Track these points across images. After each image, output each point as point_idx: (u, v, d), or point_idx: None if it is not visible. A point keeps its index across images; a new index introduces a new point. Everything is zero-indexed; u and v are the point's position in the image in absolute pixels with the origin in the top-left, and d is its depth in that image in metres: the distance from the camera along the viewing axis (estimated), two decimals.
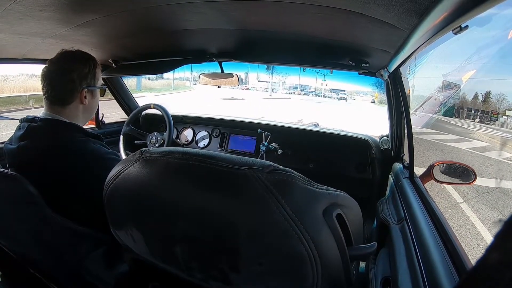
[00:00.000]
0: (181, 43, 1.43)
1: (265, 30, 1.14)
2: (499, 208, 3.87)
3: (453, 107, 12.46)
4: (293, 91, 26.93)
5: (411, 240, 0.87)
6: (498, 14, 5.74)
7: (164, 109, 2.12)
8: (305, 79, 26.51)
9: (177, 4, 0.92)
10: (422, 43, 0.85)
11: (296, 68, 8.25)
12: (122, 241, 0.70)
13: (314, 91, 27.05)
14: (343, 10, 0.82)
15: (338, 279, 0.57)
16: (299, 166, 1.87)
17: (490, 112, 11.82)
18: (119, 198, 0.64)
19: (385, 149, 1.81)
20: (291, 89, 27.27)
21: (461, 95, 12.49)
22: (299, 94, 26.27)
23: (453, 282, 0.61)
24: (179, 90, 21.78)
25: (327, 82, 25.53)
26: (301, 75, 25.51)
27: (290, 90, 27.17)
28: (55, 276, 0.95)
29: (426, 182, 1.35)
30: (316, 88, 26.95)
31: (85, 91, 1.02)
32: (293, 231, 0.49)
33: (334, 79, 24.60)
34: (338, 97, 25.32)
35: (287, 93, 26.43)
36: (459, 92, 12.36)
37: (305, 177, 0.53)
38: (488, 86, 12.34)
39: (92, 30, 1.14)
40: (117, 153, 1.03)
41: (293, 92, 26.83)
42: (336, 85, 25.10)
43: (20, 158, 0.95)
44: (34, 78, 10.16)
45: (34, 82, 10.13)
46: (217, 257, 0.57)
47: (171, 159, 0.57)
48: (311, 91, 27.05)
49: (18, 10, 0.89)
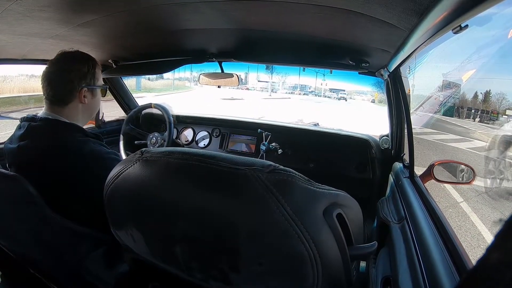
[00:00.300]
0: (181, 43, 1.43)
1: (265, 30, 1.14)
2: (499, 207, 3.86)
3: (453, 107, 12.35)
4: (293, 91, 26.83)
5: (411, 239, 0.87)
6: (498, 13, 5.73)
7: (165, 108, 2.12)
8: (304, 78, 26.41)
9: (177, 4, 0.92)
10: (422, 43, 0.85)
11: (295, 68, 8.17)
12: (122, 241, 0.70)
13: (314, 91, 26.95)
14: (343, 10, 0.82)
15: (338, 279, 0.57)
16: (299, 166, 1.87)
17: (490, 112, 11.77)
18: (119, 198, 0.64)
19: (385, 149, 1.81)
20: (290, 89, 27.17)
21: (461, 95, 12.37)
22: (298, 94, 26.16)
23: (453, 282, 0.61)
24: (179, 90, 21.73)
25: (327, 82, 25.45)
26: (300, 75, 25.39)
27: (290, 90, 27.05)
28: (55, 276, 0.95)
29: (426, 182, 1.35)
30: (316, 88, 26.88)
31: (84, 90, 1.02)
32: (293, 231, 0.49)
33: (334, 79, 24.42)
34: (338, 97, 25.19)
35: (287, 93, 26.30)
36: (459, 91, 12.28)
37: (305, 177, 0.53)
38: (488, 86, 12.28)
39: (92, 30, 1.14)
40: (117, 153, 1.03)
41: (293, 92, 26.73)
42: (336, 85, 24.94)
43: (20, 158, 0.95)
44: (34, 79, 10.19)
45: (33, 82, 10.15)
46: (217, 257, 0.57)
47: (171, 159, 0.57)
48: (310, 91, 26.94)
49: (17, 10, 0.89)
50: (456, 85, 12.33)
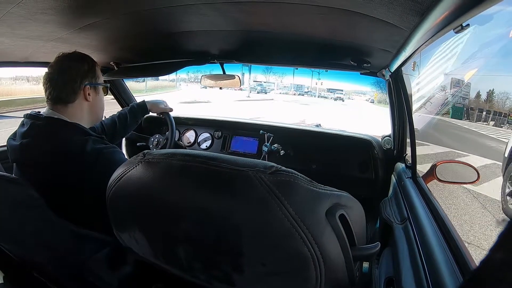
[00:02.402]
0: (183, 44, 1.43)
1: (267, 31, 1.14)
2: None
3: (462, 107, 11.49)
4: (287, 92, 26.28)
5: (414, 240, 0.87)
6: (500, 12, 5.67)
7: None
8: (299, 78, 26.09)
9: (178, 6, 0.92)
10: (424, 42, 0.85)
11: (289, 68, 7.71)
12: (125, 242, 0.70)
13: (310, 90, 26.49)
14: (344, 10, 0.82)
15: (341, 279, 0.57)
16: (301, 167, 1.87)
17: (508, 114, 10.74)
18: (121, 200, 0.65)
19: (387, 149, 1.81)
20: (285, 89, 26.55)
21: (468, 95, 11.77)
22: (283, 94, 25.43)
23: (457, 282, 0.60)
24: (167, 90, 21.47)
25: (323, 81, 24.95)
26: (295, 75, 24.99)
27: (284, 91, 26.39)
28: (58, 278, 0.95)
29: (428, 182, 1.34)
30: (312, 88, 26.34)
31: (88, 88, 1.03)
32: (296, 232, 0.49)
33: (329, 78, 23.89)
34: (334, 97, 24.55)
35: (280, 93, 25.61)
36: (464, 90, 11.70)
37: (308, 177, 0.53)
38: (493, 84, 11.64)
39: (94, 33, 1.15)
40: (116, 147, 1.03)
41: (287, 92, 26.15)
42: (333, 85, 24.50)
43: (22, 156, 0.96)
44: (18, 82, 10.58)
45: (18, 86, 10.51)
46: (220, 258, 0.57)
47: (174, 161, 0.57)
48: (306, 91, 26.43)
49: (19, 13, 0.89)
50: (460, 84, 11.68)
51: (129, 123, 1.65)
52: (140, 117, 1.71)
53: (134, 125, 1.70)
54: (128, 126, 1.66)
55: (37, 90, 10.09)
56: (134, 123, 1.68)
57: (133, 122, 1.67)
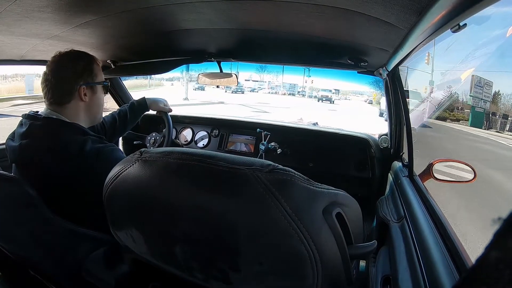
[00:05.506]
0: (180, 43, 1.42)
1: (264, 29, 1.14)
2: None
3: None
4: (276, 91, 24.83)
5: (411, 238, 0.87)
6: (498, 12, 5.69)
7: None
8: (289, 77, 24.68)
9: (175, 4, 0.92)
10: (421, 42, 0.85)
11: (279, 66, 7.21)
12: (122, 241, 0.70)
13: (303, 90, 25.07)
14: (341, 9, 0.82)
15: (338, 278, 0.57)
16: (298, 166, 1.87)
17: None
18: (118, 199, 0.64)
19: (384, 148, 1.81)
20: (276, 88, 24.95)
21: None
22: (283, 94, 24.12)
23: (453, 280, 0.61)
24: (154, 87, 21.08)
25: (313, 79, 23.48)
26: (284, 73, 23.52)
27: (274, 90, 24.84)
28: (55, 277, 0.95)
29: (425, 181, 1.34)
30: (303, 87, 24.70)
31: (83, 88, 1.02)
32: (293, 230, 0.49)
33: (320, 76, 22.71)
34: (319, 96, 22.56)
35: (270, 92, 24.08)
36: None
37: (305, 176, 0.53)
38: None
39: (91, 31, 1.14)
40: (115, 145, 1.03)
41: (276, 92, 24.70)
42: (328, 84, 23.14)
43: (21, 157, 0.95)
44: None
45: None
46: (217, 256, 0.57)
47: (171, 159, 0.57)
48: (299, 91, 24.85)
49: (16, 11, 0.89)
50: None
51: (129, 120, 1.65)
52: (140, 114, 1.71)
53: (133, 122, 1.70)
54: (128, 123, 1.66)
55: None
56: (133, 120, 1.68)
57: (133, 119, 1.67)
